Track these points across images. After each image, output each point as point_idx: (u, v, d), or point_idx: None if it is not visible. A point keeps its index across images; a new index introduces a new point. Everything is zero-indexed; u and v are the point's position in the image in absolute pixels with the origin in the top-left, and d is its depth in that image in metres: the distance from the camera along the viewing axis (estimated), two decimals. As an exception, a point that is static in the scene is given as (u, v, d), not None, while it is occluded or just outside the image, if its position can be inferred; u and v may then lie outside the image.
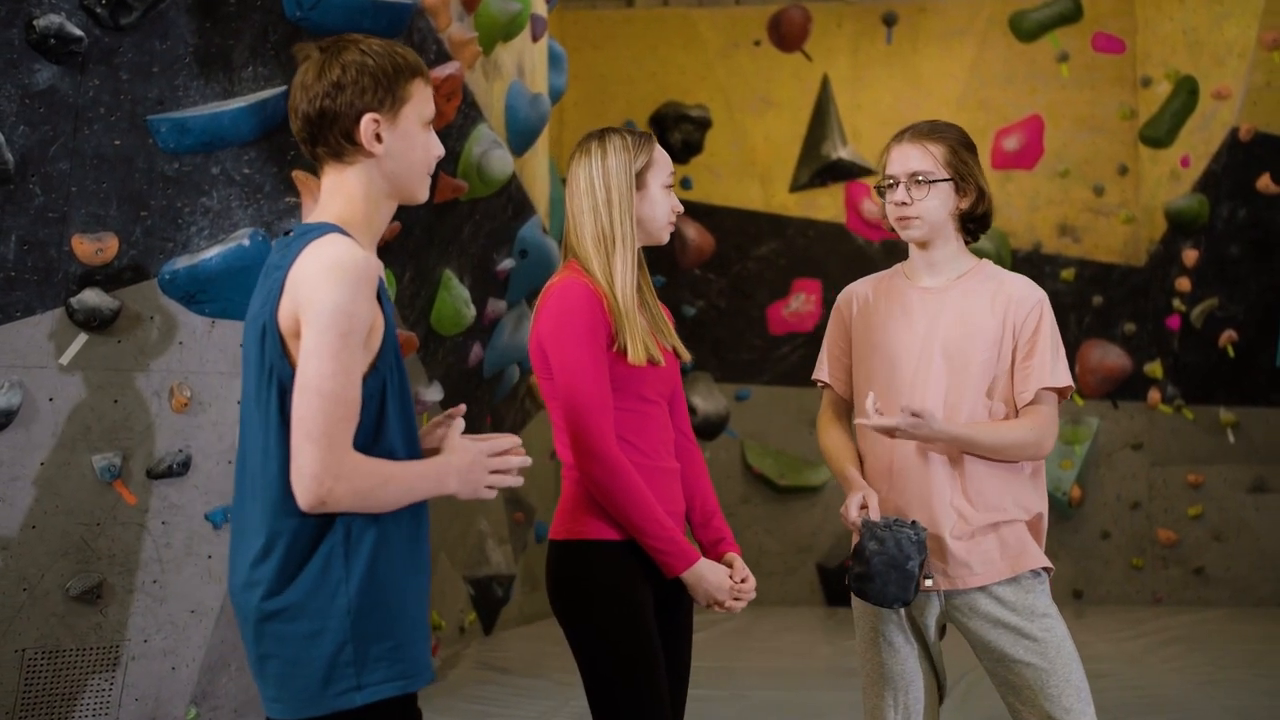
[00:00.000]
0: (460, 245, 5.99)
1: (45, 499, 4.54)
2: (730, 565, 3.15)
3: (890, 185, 3.30)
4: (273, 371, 2.30)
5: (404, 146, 2.43)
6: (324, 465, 2.21)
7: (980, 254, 3.44)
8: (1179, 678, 7.17)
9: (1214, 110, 9.66)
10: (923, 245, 3.34)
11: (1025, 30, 10.34)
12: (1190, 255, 9.78)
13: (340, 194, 2.44)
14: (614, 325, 3.02)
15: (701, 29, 10.74)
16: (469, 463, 2.39)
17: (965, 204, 3.31)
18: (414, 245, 5.60)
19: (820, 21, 10.57)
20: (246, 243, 4.77)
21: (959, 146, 3.31)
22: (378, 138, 2.40)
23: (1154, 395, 10.09)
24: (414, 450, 2.39)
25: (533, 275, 6.68)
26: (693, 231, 10.53)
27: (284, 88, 4.79)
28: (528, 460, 2.44)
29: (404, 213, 5.47)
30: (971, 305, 3.28)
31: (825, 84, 10.56)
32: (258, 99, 4.71)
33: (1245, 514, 9.97)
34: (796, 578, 10.34)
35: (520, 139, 6.32)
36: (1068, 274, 10.20)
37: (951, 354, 3.25)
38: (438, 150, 2.49)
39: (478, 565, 8.73)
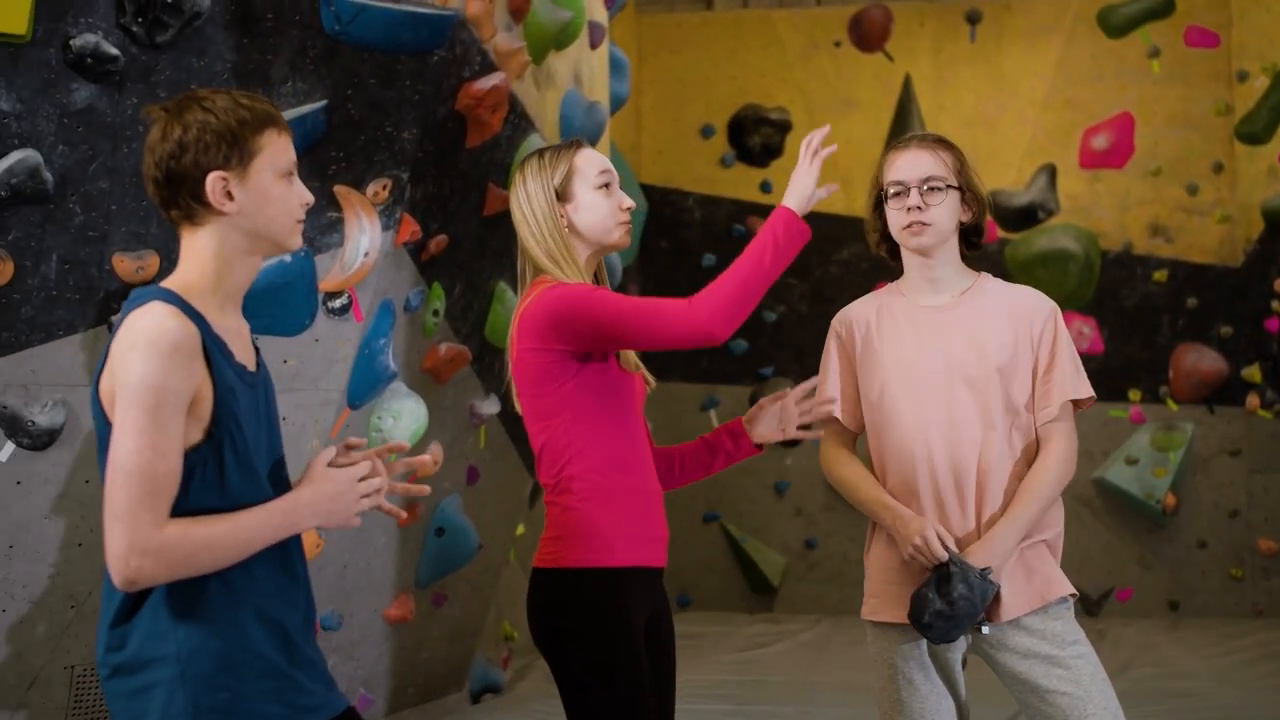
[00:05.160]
0: (513, 257, 5.93)
1: (91, 516, 4.54)
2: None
3: (897, 193, 3.17)
4: (103, 441, 2.27)
5: (259, 202, 2.35)
6: (129, 544, 2.17)
7: (1066, 256, 3.32)
8: (1273, 697, 6.88)
9: (1314, 104, 9.30)
10: (925, 256, 3.19)
11: (1114, 26, 10.04)
12: (1290, 255, 9.43)
13: (192, 256, 2.37)
14: None
15: (781, 30, 10.59)
16: (333, 493, 2.33)
17: (968, 216, 3.21)
18: (464, 258, 5.55)
19: (902, 21, 10.37)
20: (288, 259, 4.75)
21: (964, 157, 3.22)
22: (229, 195, 2.32)
23: (1253, 400, 9.73)
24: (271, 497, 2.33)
25: (593, 285, 6.59)
26: (772, 236, 10.39)
27: (324, 102, 4.76)
28: (386, 481, 2.39)
29: (454, 226, 5.42)
30: (982, 324, 3.14)
31: (907, 84, 10.36)
32: (297, 114, 4.68)
33: (1351, 523, 9.59)
34: (881, 588, 10.13)
35: (576, 148, 6.25)
36: (1160, 275, 9.87)
37: (972, 378, 3.09)
38: (304, 198, 2.41)
39: (553, 576, 8.67)
